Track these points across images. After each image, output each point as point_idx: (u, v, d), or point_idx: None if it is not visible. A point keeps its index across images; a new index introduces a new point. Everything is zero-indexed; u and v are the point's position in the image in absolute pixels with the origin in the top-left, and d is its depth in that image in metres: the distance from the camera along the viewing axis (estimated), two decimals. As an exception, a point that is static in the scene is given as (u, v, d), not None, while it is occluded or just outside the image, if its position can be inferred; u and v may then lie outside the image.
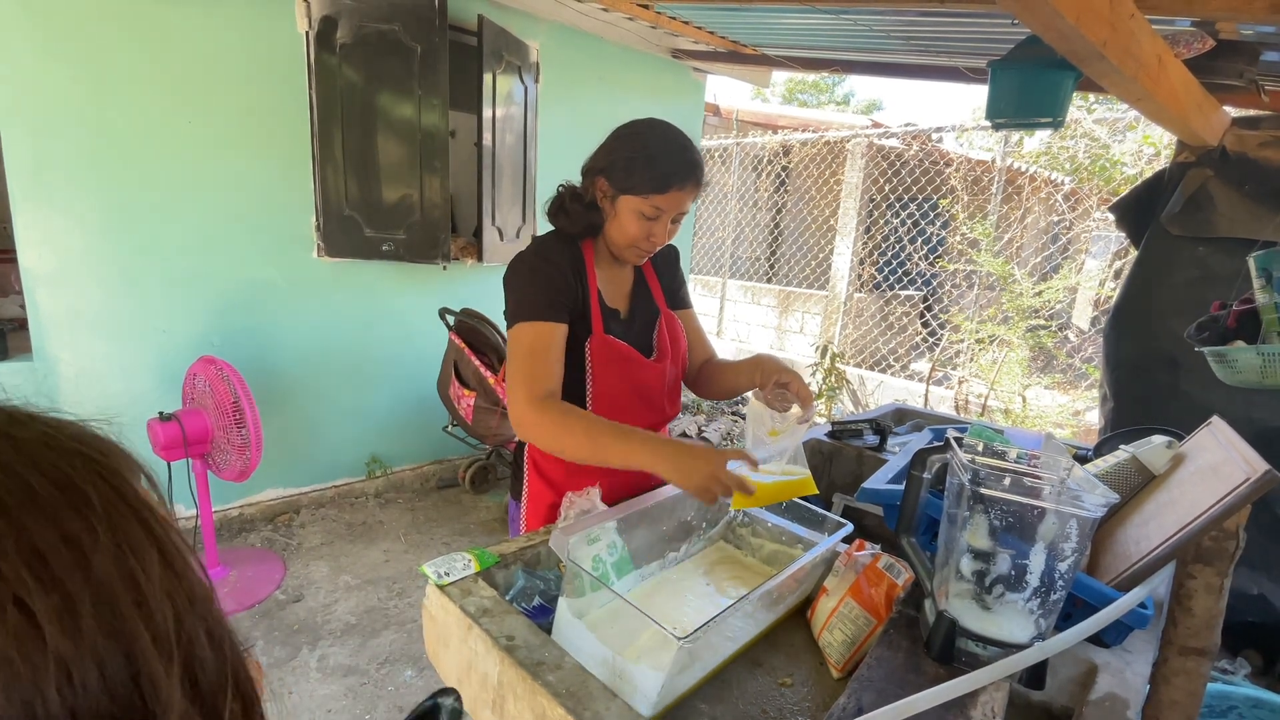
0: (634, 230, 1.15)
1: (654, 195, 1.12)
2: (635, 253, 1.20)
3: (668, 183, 1.11)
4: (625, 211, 1.15)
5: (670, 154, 1.12)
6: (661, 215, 1.14)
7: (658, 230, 1.15)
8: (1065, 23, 1.15)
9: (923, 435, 1.65)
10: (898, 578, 0.95)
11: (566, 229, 1.21)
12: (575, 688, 0.77)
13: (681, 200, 1.14)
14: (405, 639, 2.33)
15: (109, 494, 0.21)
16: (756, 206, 7.63)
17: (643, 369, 1.25)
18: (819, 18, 2.77)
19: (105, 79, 2.40)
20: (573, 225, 1.20)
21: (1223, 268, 2.31)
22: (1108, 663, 0.92)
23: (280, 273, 2.92)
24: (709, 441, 4.49)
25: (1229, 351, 1.35)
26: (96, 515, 0.20)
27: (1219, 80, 2.01)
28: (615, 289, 1.29)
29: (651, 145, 1.13)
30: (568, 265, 1.18)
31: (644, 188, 1.12)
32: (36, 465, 0.20)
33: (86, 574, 0.18)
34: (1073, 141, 5.25)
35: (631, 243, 1.17)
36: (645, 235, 1.16)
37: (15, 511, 0.18)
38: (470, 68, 2.99)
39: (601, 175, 1.16)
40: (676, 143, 1.13)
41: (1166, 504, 0.97)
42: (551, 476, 1.32)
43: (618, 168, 1.13)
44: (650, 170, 1.11)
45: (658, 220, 1.14)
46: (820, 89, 17.70)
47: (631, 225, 1.15)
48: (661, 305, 1.33)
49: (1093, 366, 4.74)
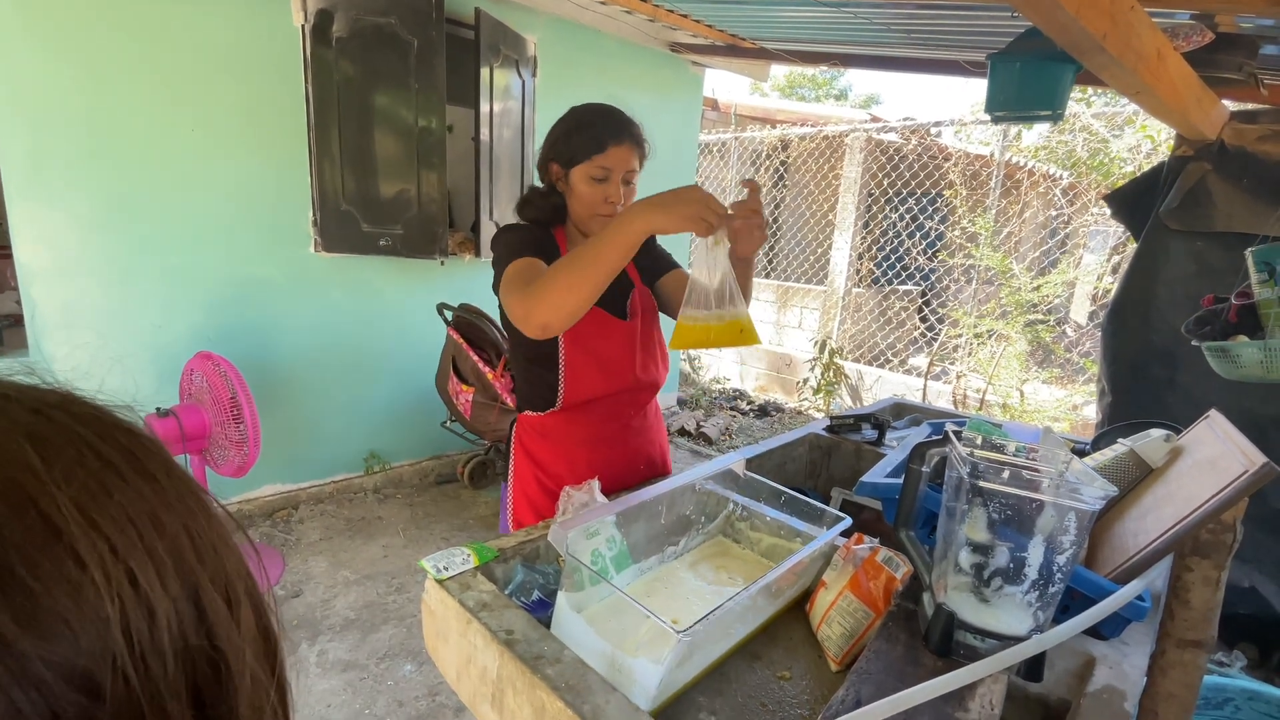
0: (590, 196, 1.23)
1: (596, 156, 1.21)
2: (598, 220, 1.25)
3: (603, 142, 1.20)
4: (578, 182, 1.23)
5: (598, 118, 1.23)
6: (610, 175, 1.22)
7: (611, 191, 1.23)
8: (1065, 15, 1.15)
9: (921, 429, 1.65)
10: (896, 571, 0.95)
11: (536, 219, 1.32)
12: (574, 681, 0.77)
13: (624, 158, 1.22)
14: (404, 634, 2.33)
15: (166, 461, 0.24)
16: (755, 201, 7.60)
17: (613, 328, 1.30)
18: (818, 11, 2.76)
19: (100, 74, 2.38)
20: (539, 213, 1.31)
21: (1220, 262, 2.31)
22: (1105, 655, 0.92)
23: (277, 268, 2.91)
24: (707, 437, 4.49)
25: (1233, 347, 1.35)
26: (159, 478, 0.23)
27: (1218, 74, 2.01)
28: None
29: (581, 116, 1.25)
30: (543, 244, 1.27)
31: (585, 152, 1.21)
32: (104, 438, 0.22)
33: (161, 530, 0.21)
34: (1071, 136, 5.24)
35: (591, 210, 1.24)
36: (602, 198, 1.23)
37: (99, 475, 0.20)
38: (467, 62, 2.97)
39: (552, 161, 1.26)
40: (603, 109, 1.25)
41: (1164, 497, 0.97)
42: (538, 456, 1.36)
43: (560, 146, 1.25)
44: (584, 135, 1.22)
45: (608, 181, 1.22)
46: (818, 83, 17.64)
47: (586, 192, 1.23)
48: (635, 280, 1.38)
49: (1091, 361, 4.75)
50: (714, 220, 0.99)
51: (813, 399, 5.38)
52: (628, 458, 1.38)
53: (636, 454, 1.41)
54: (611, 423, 1.36)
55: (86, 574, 0.18)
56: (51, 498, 0.18)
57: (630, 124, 1.24)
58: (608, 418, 1.35)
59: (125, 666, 0.18)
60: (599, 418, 1.35)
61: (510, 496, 1.41)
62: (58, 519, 0.18)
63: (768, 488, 1.22)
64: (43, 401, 0.22)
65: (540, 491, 1.36)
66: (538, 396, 1.34)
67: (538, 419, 1.36)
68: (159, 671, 0.19)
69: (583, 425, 1.34)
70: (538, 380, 1.33)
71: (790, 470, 1.61)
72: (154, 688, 0.19)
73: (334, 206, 2.91)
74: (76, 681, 0.17)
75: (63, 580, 0.17)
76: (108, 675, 0.18)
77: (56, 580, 0.17)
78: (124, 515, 0.20)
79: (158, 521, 0.21)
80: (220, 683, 0.21)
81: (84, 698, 0.17)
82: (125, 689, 0.18)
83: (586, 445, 1.35)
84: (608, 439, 1.36)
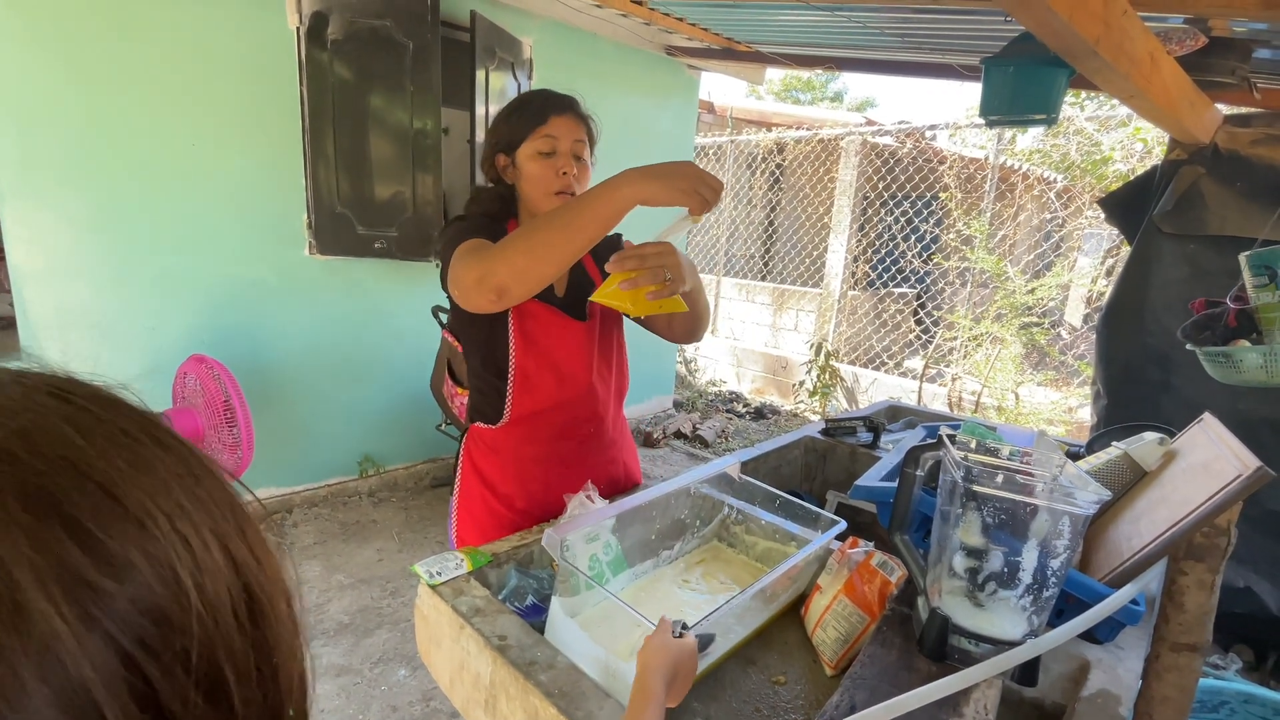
0: (541, 174, 1.17)
1: (539, 128, 1.16)
2: (555, 200, 1.18)
3: (544, 112, 1.16)
4: (526, 162, 1.17)
5: (536, 95, 1.20)
6: (558, 147, 1.16)
7: (562, 163, 1.16)
8: (1058, 19, 1.15)
9: (916, 432, 1.65)
10: (891, 575, 0.95)
11: (486, 213, 1.23)
12: (568, 687, 0.76)
13: (569, 128, 1.17)
14: (399, 638, 2.32)
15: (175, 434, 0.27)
16: (750, 204, 7.63)
17: (567, 329, 1.22)
18: (813, 14, 2.77)
19: (94, 75, 2.37)
20: (486, 207, 1.23)
21: (1214, 266, 2.32)
22: (1100, 659, 0.92)
23: (271, 270, 2.90)
24: (704, 439, 4.49)
25: (1235, 352, 1.34)
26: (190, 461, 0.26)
27: (1211, 78, 2.02)
28: None
29: (518, 99, 1.22)
30: (499, 231, 1.19)
31: (527, 127, 1.16)
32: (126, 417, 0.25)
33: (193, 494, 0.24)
34: (1065, 139, 5.26)
35: (545, 189, 1.17)
36: (554, 173, 1.16)
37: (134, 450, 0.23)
38: (463, 64, 2.97)
39: (496, 152, 1.21)
40: (538, 90, 1.21)
41: (1158, 501, 0.97)
42: (488, 474, 1.27)
43: (501, 132, 1.20)
44: (524, 111, 1.18)
45: (556, 155, 1.16)
46: (813, 87, 17.68)
47: (536, 170, 1.17)
48: (596, 278, 1.29)
49: (1085, 363, 4.76)
50: (710, 197, 0.95)
51: (809, 401, 5.38)
52: (585, 477, 1.21)
53: (596, 473, 1.27)
54: (566, 439, 1.26)
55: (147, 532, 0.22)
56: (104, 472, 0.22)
57: (570, 98, 1.20)
58: (562, 433, 1.25)
59: (195, 606, 0.22)
60: (553, 433, 1.25)
61: (455, 516, 1.32)
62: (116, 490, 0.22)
63: (763, 491, 1.22)
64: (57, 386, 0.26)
65: (486, 512, 1.26)
66: (489, 406, 1.25)
67: (489, 432, 1.25)
68: (220, 607, 0.23)
69: (536, 441, 1.25)
70: (489, 388, 1.23)
71: (785, 473, 1.61)
72: (217, 626, 0.23)
73: (329, 209, 2.90)
74: (153, 616, 0.21)
75: (130, 537, 0.21)
76: (179, 612, 0.22)
77: (125, 537, 0.21)
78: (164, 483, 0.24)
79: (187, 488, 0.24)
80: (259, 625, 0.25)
81: (163, 630, 0.21)
82: (197, 626, 0.22)
83: (540, 463, 1.25)
84: (563, 457, 1.26)
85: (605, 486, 1.29)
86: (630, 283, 1.01)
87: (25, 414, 0.22)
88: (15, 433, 0.20)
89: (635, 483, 1.43)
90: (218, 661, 0.22)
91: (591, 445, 1.30)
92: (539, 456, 1.25)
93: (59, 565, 0.18)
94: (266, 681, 0.25)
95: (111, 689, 0.18)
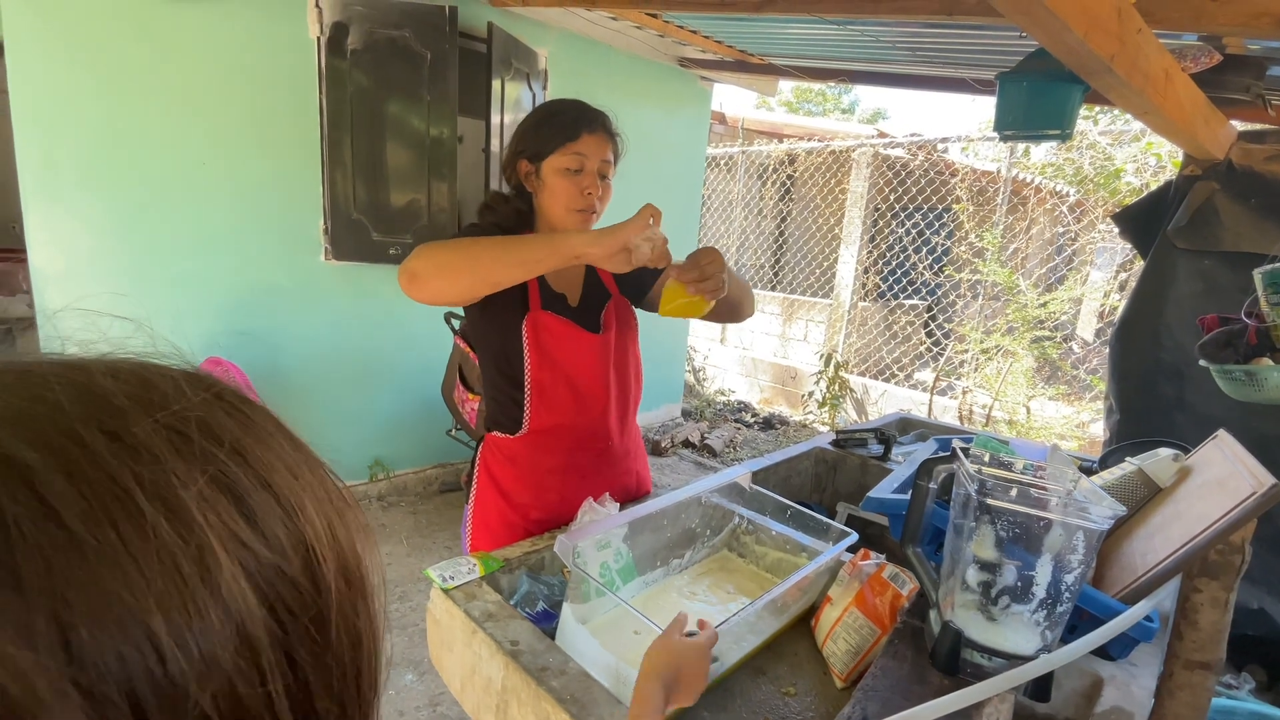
0: (565, 189, 1.15)
1: (569, 144, 1.13)
2: (576, 216, 1.17)
3: (577, 128, 1.14)
4: (551, 176, 1.16)
5: (570, 107, 1.16)
6: (585, 165, 1.15)
7: (587, 182, 1.15)
8: (1074, 37, 1.16)
9: (928, 445, 1.65)
10: (902, 588, 0.95)
11: (497, 223, 1.22)
12: (579, 693, 0.77)
13: (598, 146, 1.15)
14: (406, 643, 2.33)
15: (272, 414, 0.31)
16: (761, 214, 7.64)
17: (582, 343, 1.21)
18: (826, 28, 2.79)
19: (117, 82, 2.42)
20: (501, 218, 1.21)
21: (1228, 282, 2.30)
22: (1113, 676, 0.91)
23: (287, 275, 2.94)
24: (712, 449, 4.48)
25: (1260, 370, 1.32)
26: (310, 456, 0.31)
27: (1226, 94, 2.02)
28: (562, 276, 1.26)
29: (551, 106, 1.19)
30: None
31: (557, 141, 1.14)
32: (279, 427, 0.30)
33: (319, 493, 0.28)
34: (1078, 153, 5.25)
35: (567, 204, 1.16)
36: (578, 191, 1.15)
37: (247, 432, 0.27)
38: (479, 74, 3.01)
39: (520, 157, 1.18)
40: (574, 101, 1.18)
41: (1173, 517, 0.97)
42: (503, 484, 1.26)
43: (528, 140, 1.17)
44: (555, 123, 1.15)
45: (583, 172, 1.15)
46: (826, 98, 17.72)
47: (561, 186, 1.15)
48: (613, 290, 1.30)
49: (1098, 378, 4.73)
50: (635, 258, 0.97)
51: (818, 412, 5.37)
52: (601, 488, 1.24)
53: (611, 484, 1.29)
54: (584, 451, 1.26)
55: (289, 514, 0.26)
56: (261, 461, 0.26)
57: (603, 115, 1.18)
58: (580, 445, 1.25)
59: (323, 563, 0.26)
60: (570, 445, 1.25)
61: (470, 523, 1.31)
62: (270, 478, 0.26)
63: (773, 501, 1.22)
64: (208, 385, 0.30)
65: (501, 522, 1.26)
66: (505, 415, 1.24)
67: (507, 442, 1.25)
68: (338, 584, 0.26)
69: (553, 452, 1.24)
70: (505, 397, 1.23)
71: (796, 484, 1.61)
72: (336, 600, 0.26)
73: (345, 215, 2.94)
74: (291, 581, 0.25)
75: (279, 517, 0.25)
76: (309, 584, 0.25)
77: (275, 517, 0.25)
78: (295, 472, 0.28)
79: (309, 479, 0.28)
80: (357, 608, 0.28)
81: (305, 581, 0.25)
82: (322, 597, 0.26)
83: (557, 474, 1.24)
84: (580, 468, 1.26)
85: (618, 495, 1.29)
86: (695, 288, 1.05)
87: (199, 409, 0.26)
88: (197, 424, 0.25)
89: (646, 491, 1.43)
90: (332, 627, 0.26)
91: (607, 457, 1.30)
92: (556, 467, 1.25)
93: (231, 532, 0.23)
94: (360, 661, 0.28)
95: (263, 625, 0.23)
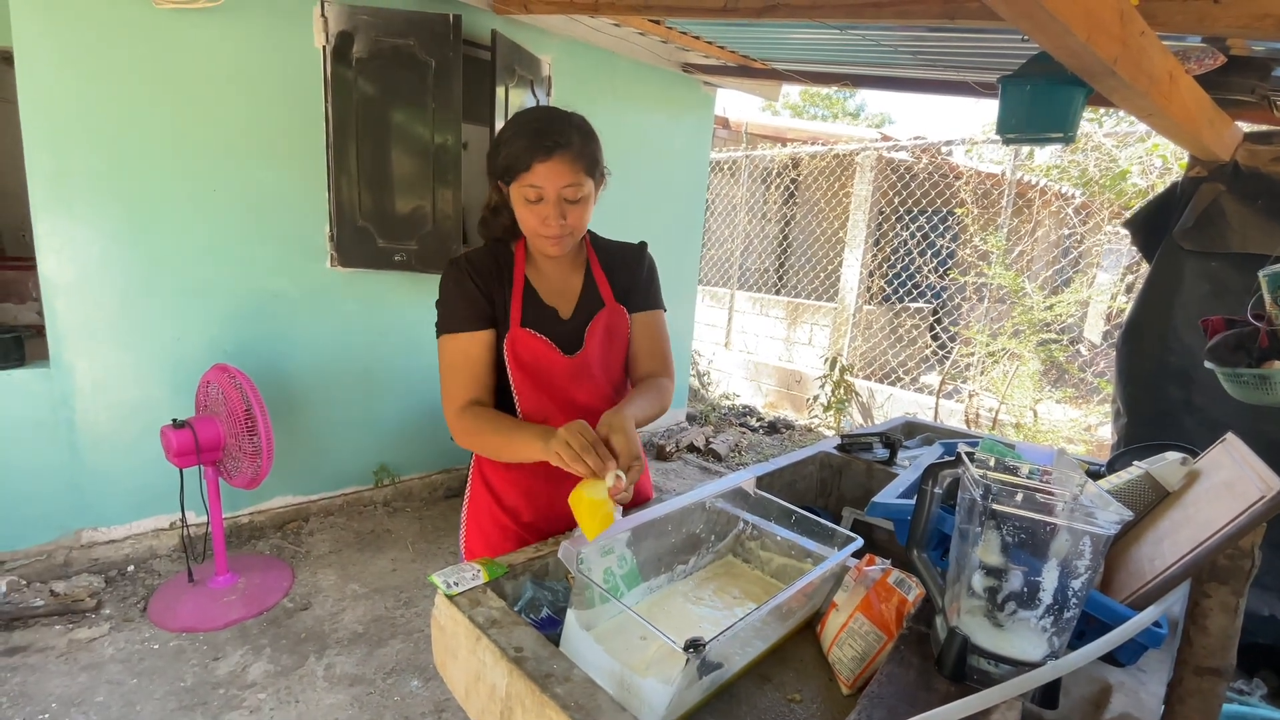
0: (527, 218, 1.12)
1: (522, 175, 1.08)
2: (542, 241, 1.14)
3: (530, 158, 1.06)
4: (516, 202, 1.13)
5: (520, 132, 1.08)
6: (543, 195, 1.08)
7: (546, 211, 1.10)
8: (1076, 40, 1.16)
9: (933, 449, 1.64)
10: (908, 593, 0.94)
11: (492, 236, 1.24)
12: (583, 700, 0.77)
13: (555, 174, 1.07)
14: (412, 649, 2.33)
15: None
16: (765, 218, 7.65)
17: (555, 364, 1.19)
18: (828, 33, 2.79)
19: (125, 92, 2.44)
20: (491, 231, 1.24)
21: (1235, 283, 2.29)
22: (1122, 682, 0.91)
23: (293, 282, 2.95)
24: (717, 454, 4.48)
25: (1273, 374, 1.32)
26: None
27: (1230, 96, 2.01)
28: (556, 287, 1.25)
29: (506, 130, 1.11)
30: (491, 271, 1.20)
31: (512, 172, 1.09)
32: None
33: None
34: (1083, 155, 5.23)
35: (532, 231, 1.13)
36: (540, 220, 1.11)
37: None
38: (483, 81, 3.02)
39: (492, 178, 1.16)
40: (537, 118, 1.10)
41: (1181, 521, 0.96)
42: (497, 488, 1.28)
43: (492, 159, 1.13)
44: (509, 150, 1.08)
45: (541, 203, 1.09)
46: (831, 102, 17.74)
47: (523, 214, 1.12)
48: (607, 300, 1.26)
49: (1105, 381, 4.70)
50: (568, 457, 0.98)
51: (823, 416, 5.36)
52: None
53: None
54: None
55: None
56: None
57: (551, 133, 1.07)
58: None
59: None
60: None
61: (464, 526, 1.33)
62: None
63: (778, 506, 1.21)
64: None
65: (493, 524, 1.26)
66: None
67: None
68: None
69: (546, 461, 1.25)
70: (500, 405, 1.22)
71: (801, 489, 1.60)
72: None
73: (350, 222, 2.95)
74: None
75: None
76: None
77: None
78: None
79: None
80: None
81: None
82: None
83: (550, 481, 1.22)
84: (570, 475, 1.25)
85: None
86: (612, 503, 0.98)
87: None
88: None
89: (647, 497, 1.42)
90: None
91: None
92: (550, 474, 1.22)
93: None
94: None
95: None
